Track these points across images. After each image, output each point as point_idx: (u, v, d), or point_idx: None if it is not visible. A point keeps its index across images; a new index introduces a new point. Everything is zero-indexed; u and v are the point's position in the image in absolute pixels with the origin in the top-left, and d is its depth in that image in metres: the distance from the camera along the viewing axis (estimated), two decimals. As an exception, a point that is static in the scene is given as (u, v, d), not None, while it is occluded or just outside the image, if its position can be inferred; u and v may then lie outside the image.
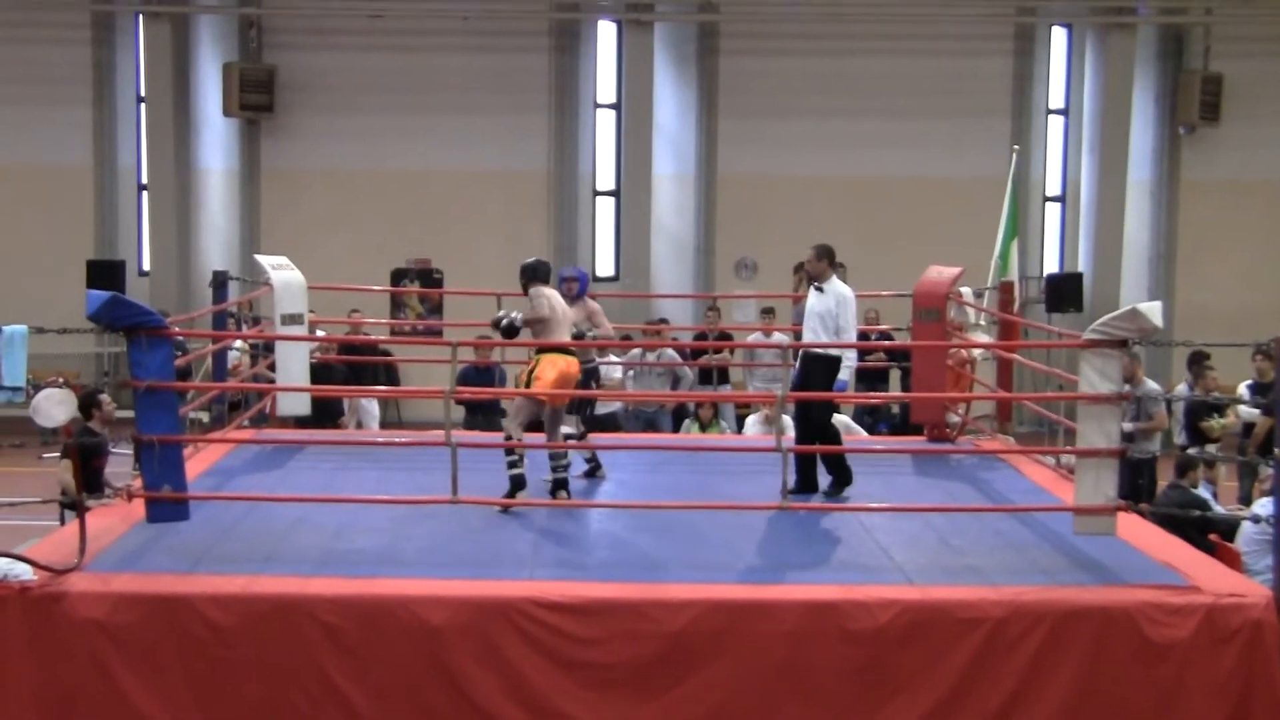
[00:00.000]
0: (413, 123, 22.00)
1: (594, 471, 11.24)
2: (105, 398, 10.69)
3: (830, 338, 10.40)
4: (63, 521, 10.41)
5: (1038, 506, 10.14)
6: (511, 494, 9.89)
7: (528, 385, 10.12)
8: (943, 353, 12.48)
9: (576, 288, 11.68)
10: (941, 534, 9.33)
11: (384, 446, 12.64)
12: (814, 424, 10.63)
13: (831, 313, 10.43)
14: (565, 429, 11.19)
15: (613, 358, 15.23)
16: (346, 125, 21.93)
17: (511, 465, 9.99)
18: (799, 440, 10.61)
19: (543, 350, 10.16)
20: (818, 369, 10.44)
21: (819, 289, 10.54)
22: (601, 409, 14.69)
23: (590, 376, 11.45)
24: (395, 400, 20.11)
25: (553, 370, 10.06)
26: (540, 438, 10.61)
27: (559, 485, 10.21)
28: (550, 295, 10.34)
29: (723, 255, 22.32)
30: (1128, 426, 12.00)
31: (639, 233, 21.86)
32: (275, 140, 22.13)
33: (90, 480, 9.83)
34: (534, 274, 10.42)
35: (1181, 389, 13.94)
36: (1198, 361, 13.84)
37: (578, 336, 11.04)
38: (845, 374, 10.39)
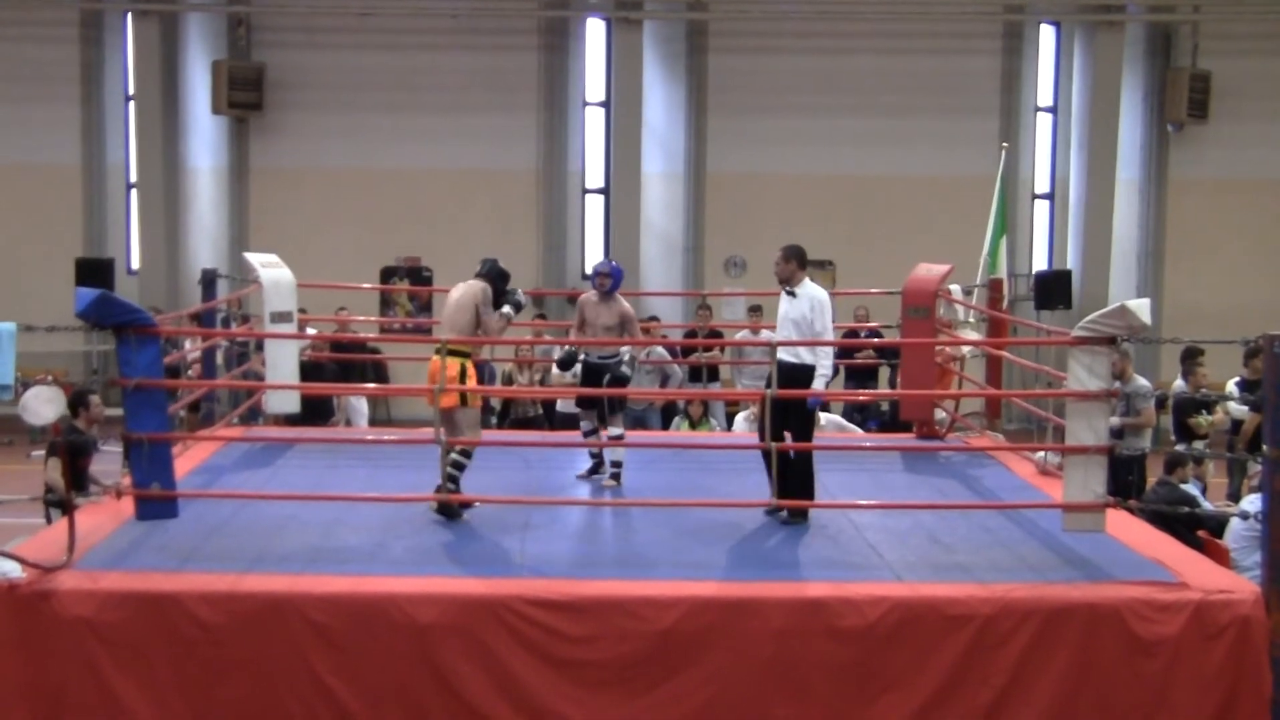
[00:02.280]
0: (402, 121, 21.98)
1: (596, 469, 11.20)
2: (95, 398, 10.67)
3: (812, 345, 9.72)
4: (48, 521, 10.39)
5: (1027, 503, 10.15)
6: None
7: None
8: (932, 350, 12.49)
9: (608, 284, 10.92)
10: (931, 531, 9.34)
11: (373, 445, 12.64)
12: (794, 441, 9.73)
13: (806, 318, 9.74)
14: (586, 425, 11.10)
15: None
16: (336, 123, 21.91)
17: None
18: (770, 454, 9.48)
19: None
20: (795, 381, 9.61)
21: (790, 293, 9.84)
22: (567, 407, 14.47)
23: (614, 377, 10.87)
24: (385, 398, 20.10)
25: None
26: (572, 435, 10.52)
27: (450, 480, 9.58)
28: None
29: (712, 253, 22.33)
30: (1115, 422, 12.01)
31: (628, 231, 21.84)
32: (264, 138, 22.10)
33: (75, 479, 9.82)
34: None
35: (1178, 385, 13.95)
36: (1191, 358, 13.84)
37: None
38: (820, 384, 9.64)
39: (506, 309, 10.19)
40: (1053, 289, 18.09)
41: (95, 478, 10.24)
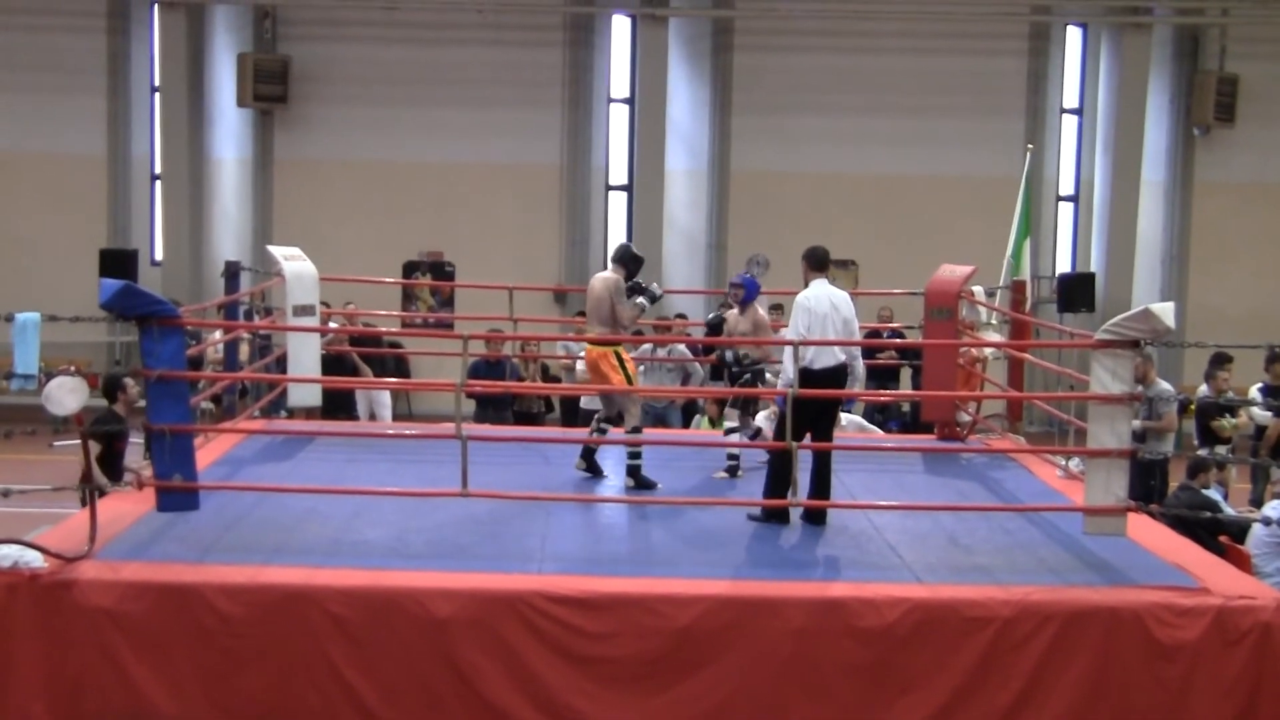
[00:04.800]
0: (426, 115, 22.00)
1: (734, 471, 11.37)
2: (130, 381, 10.72)
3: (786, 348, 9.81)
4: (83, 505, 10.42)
5: (1048, 506, 10.13)
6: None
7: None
8: (954, 351, 12.46)
9: (741, 294, 11.10)
10: (951, 533, 9.33)
11: (394, 439, 12.66)
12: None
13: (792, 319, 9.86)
14: (731, 423, 11.37)
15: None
16: (360, 117, 21.94)
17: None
18: (771, 459, 9.82)
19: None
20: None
21: None
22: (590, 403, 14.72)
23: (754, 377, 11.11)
24: (406, 393, 20.13)
25: None
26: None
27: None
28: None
29: (735, 251, 22.24)
30: (1137, 426, 11.97)
31: (651, 228, 21.82)
32: (289, 131, 22.14)
33: (111, 465, 9.87)
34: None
35: (1202, 390, 13.90)
36: (1219, 363, 13.77)
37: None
38: (781, 385, 9.80)
39: (641, 300, 10.81)
40: (1076, 291, 17.99)
41: (128, 466, 10.28)
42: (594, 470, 11.07)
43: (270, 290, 13.05)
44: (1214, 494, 11.32)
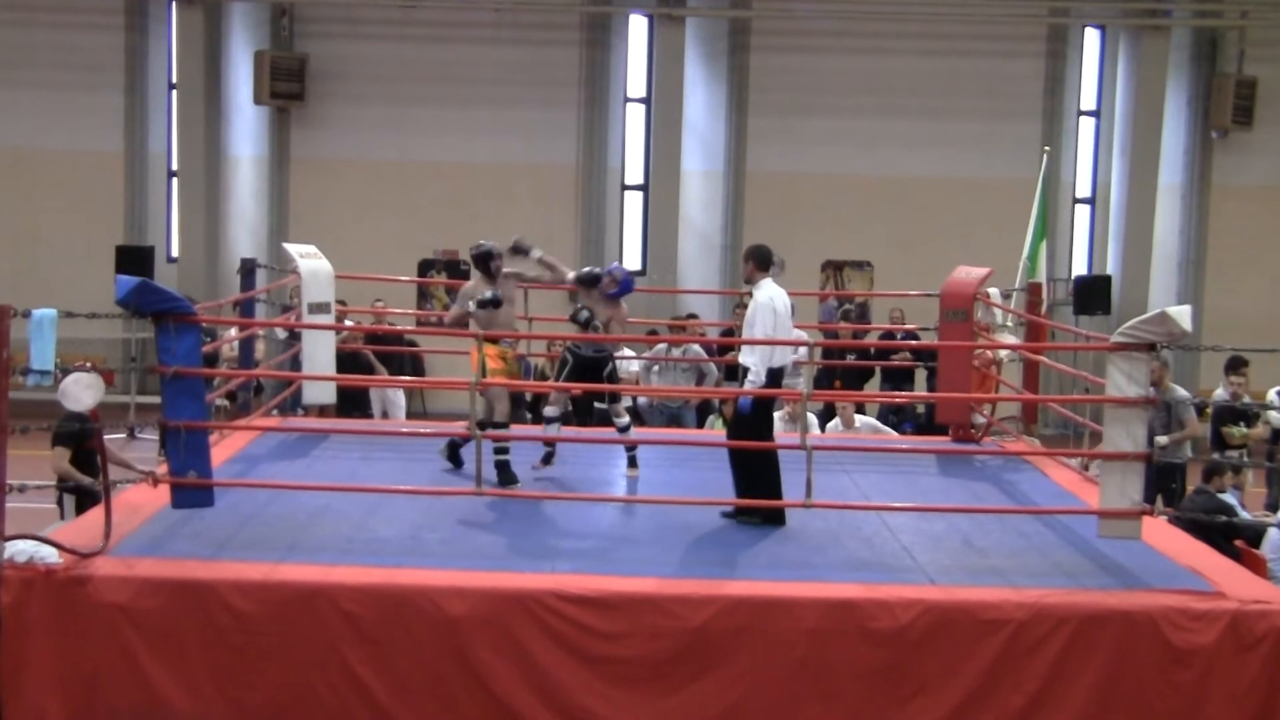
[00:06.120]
0: (443, 114, 22.02)
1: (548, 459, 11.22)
2: None
3: (747, 348, 9.65)
4: (60, 509, 10.43)
5: (1062, 509, 10.10)
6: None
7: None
8: (969, 353, 12.44)
9: (613, 288, 11.17)
10: (965, 535, 9.31)
11: (408, 437, 12.66)
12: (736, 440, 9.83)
13: (750, 320, 9.75)
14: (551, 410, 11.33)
15: (628, 352, 15.23)
16: (377, 115, 21.96)
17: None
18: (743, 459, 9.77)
19: None
20: (734, 380, 9.86)
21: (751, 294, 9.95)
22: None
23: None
24: (420, 391, 20.15)
25: None
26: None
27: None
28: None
29: (750, 252, 22.26)
30: (1163, 440, 12.00)
31: (667, 228, 21.84)
32: (305, 129, 22.17)
33: (86, 463, 9.87)
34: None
35: (1219, 394, 13.87)
36: (1234, 368, 13.74)
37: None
38: (748, 385, 9.47)
39: (470, 304, 10.74)
40: (1092, 294, 17.98)
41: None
42: (454, 461, 11.02)
43: (288, 288, 13.08)
44: (1230, 498, 11.29)
